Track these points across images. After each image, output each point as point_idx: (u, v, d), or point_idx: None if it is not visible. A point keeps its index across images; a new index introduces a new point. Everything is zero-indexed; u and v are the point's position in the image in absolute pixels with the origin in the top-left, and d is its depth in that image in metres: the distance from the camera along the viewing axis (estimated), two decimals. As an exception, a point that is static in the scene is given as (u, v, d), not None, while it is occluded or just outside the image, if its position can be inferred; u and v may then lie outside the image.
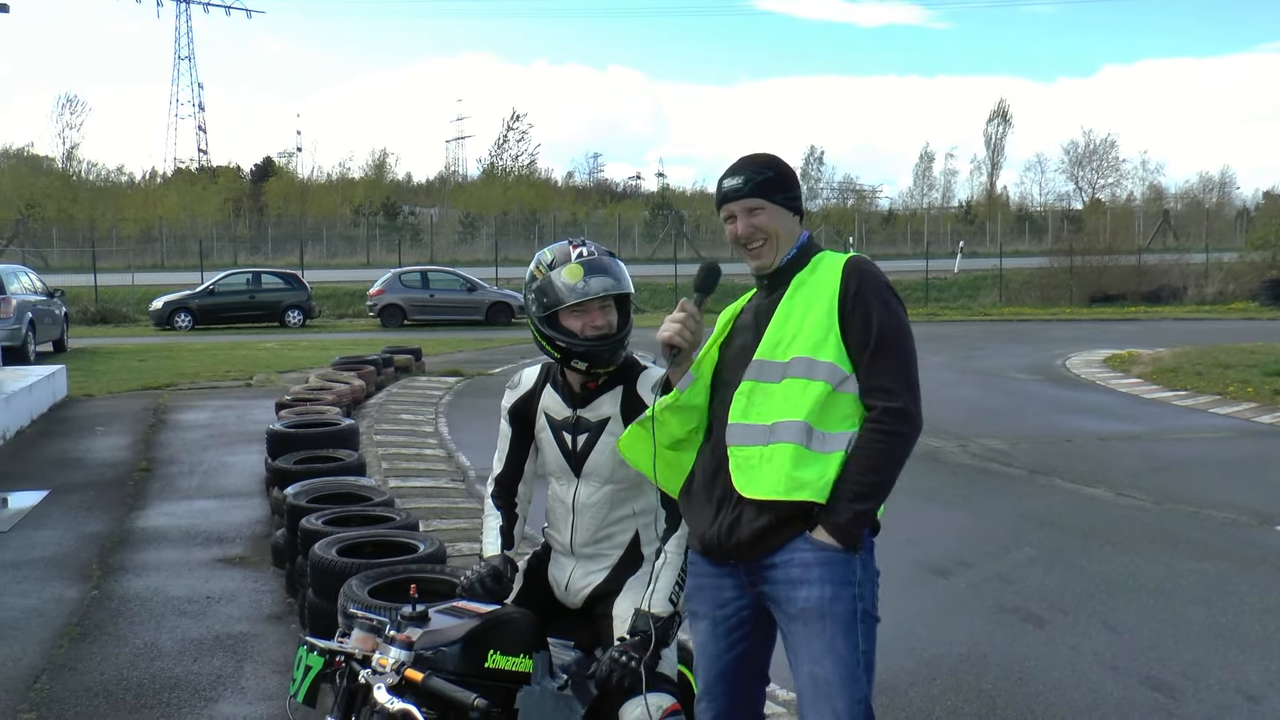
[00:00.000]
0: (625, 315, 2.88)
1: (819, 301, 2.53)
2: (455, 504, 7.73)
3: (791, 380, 2.49)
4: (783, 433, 2.46)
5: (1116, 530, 7.10)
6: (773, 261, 2.61)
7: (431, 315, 27.15)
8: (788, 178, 2.63)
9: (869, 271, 2.56)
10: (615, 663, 2.65)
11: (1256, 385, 13.62)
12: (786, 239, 2.62)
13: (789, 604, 2.49)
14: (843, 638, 2.45)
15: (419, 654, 2.49)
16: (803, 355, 2.49)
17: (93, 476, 8.72)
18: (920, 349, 2.59)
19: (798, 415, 2.46)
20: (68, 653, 4.89)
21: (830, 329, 2.50)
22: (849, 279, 2.52)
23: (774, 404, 2.49)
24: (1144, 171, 71.31)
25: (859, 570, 2.48)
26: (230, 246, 50.19)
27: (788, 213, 2.62)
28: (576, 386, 2.93)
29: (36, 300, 18.07)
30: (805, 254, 2.63)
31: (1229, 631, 5.20)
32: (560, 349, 2.83)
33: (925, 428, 2.57)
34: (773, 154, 2.67)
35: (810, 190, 72.20)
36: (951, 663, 4.82)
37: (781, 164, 2.64)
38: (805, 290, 2.57)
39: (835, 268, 2.56)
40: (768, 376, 2.52)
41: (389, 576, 4.19)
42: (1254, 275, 34.44)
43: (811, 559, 2.46)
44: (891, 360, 2.49)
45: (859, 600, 2.47)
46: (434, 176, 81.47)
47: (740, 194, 2.59)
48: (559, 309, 2.80)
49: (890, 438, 2.46)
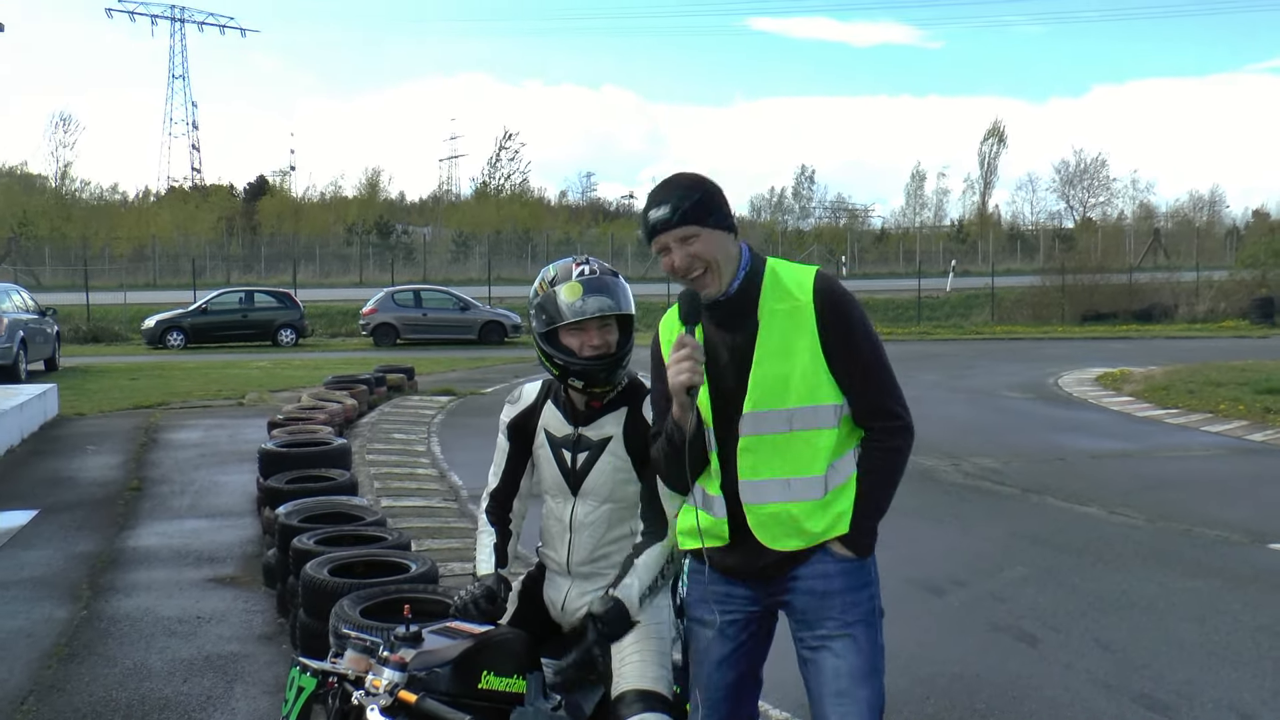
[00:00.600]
0: (626, 335, 2.86)
1: (801, 337, 2.47)
2: (447, 524, 7.70)
3: (800, 433, 2.48)
4: (801, 489, 2.49)
5: (1109, 548, 7.10)
6: (719, 289, 2.49)
7: (424, 334, 27.12)
8: (716, 196, 2.49)
9: (842, 294, 2.52)
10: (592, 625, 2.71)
11: (1248, 403, 13.65)
12: (728, 262, 2.49)
13: (813, 612, 2.54)
14: (864, 635, 2.54)
15: (412, 675, 2.48)
16: (805, 405, 2.47)
17: (83, 496, 8.68)
18: (913, 367, 2.65)
19: (816, 470, 2.49)
20: (56, 674, 4.86)
21: (820, 366, 2.48)
22: (825, 306, 2.47)
23: (785, 459, 2.49)
24: (1135, 190, 71.59)
25: (873, 570, 2.59)
26: (223, 265, 50.15)
27: (724, 234, 2.48)
28: (580, 404, 2.91)
29: (28, 319, 18.01)
30: (755, 274, 2.52)
31: (1222, 649, 5.20)
32: (558, 366, 2.83)
33: (918, 446, 2.62)
34: (696, 173, 2.54)
35: (802, 209, 72.53)
36: (945, 681, 4.80)
37: (708, 183, 2.51)
38: (780, 321, 2.47)
39: (804, 290, 2.48)
40: (771, 428, 2.49)
41: (381, 596, 4.18)
42: (1244, 293, 34.62)
43: (834, 570, 2.53)
44: (879, 378, 2.52)
45: (874, 599, 2.58)
46: (427, 195, 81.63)
47: (670, 224, 2.44)
48: (557, 326, 2.80)
49: (896, 455, 2.54)
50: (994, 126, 73.95)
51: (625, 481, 2.87)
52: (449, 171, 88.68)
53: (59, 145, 64.12)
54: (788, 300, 2.49)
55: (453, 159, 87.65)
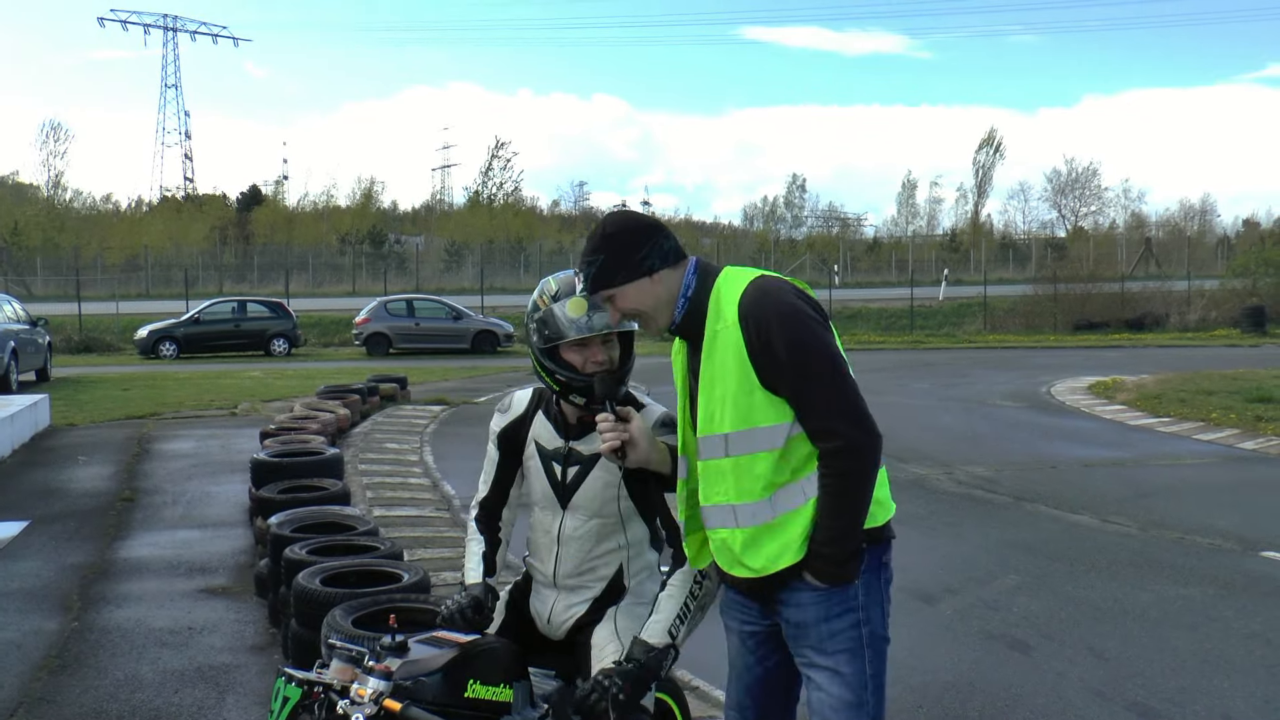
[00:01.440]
0: (628, 350, 2.81)
1: (731, 358, 2.38)
2: (440, 533, 7.69)
3: (737, 459, 2.41)
4: (746, 515, 2.43)
5: (1102, 556, 7.11)
6: (667, 324, 2.48)
7: (417, 344, 27.13)
8: (621, 249, 2.44)
9: (762, 305, 2.36)
10: (599, 685, 2.60)
11: (1239, 411, 13.69)
12: (662, 302, 2.46)
13: (794, 639, 2.50)
14: (848, 664, 2.44)
15: (398, 684, 2.47)
16: (737, 430, 2.39)
17: (74, 506, 8.65)
18: (905, 377, 2.62)
19: (755, 495, 2.41)
20: (46, 685, 4.83)
21: (753, 388, 2.37)
22: (747, 324, 2.35)
23: (728, 485, 2.44)
24: (1126, 199, 72.04)
25: (860, 595, 2.46)
26: (216, 275, 50.11)
27: (643, 279, 2.44)
28: (572, 418, 2.87)
29: (19, 329, 17.96)
30: (700, 298, 2.45)
31: (1215, 657, 5.21)
32: (560, 382, 2.78)
33: (910, 455, 2.58)
34: (601, 228, 2.49)
35: (794, 218, 72.65)
36: (938, 690, 4.80)
37: (611, 239, 2.45)
38: (719, 345, 2.41)
39: (730, 311, 2.39)
40: (712, 453, 2.45)
41: (372, 606, 4.16)
42: (1235, 302, 34.77)
43: (807, 599, 2.44)
44: (816, 393, 2.35)
45: (863, 625, 2.46)
46: (420, 205, 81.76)
47: (589, 293, 2.51)
48: (560, 343, 2.74)
49: (841, 479, 2.36)
50: (989, 135, 74.37)
51: (615, 497, 2.85)
52: (442, 181, 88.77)
53: (50, 154, 63.84)
54: (720, 322, 2.41)
55: (445, 168, 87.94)
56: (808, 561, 2.41)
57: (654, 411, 2.84)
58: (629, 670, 2.61)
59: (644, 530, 2.92)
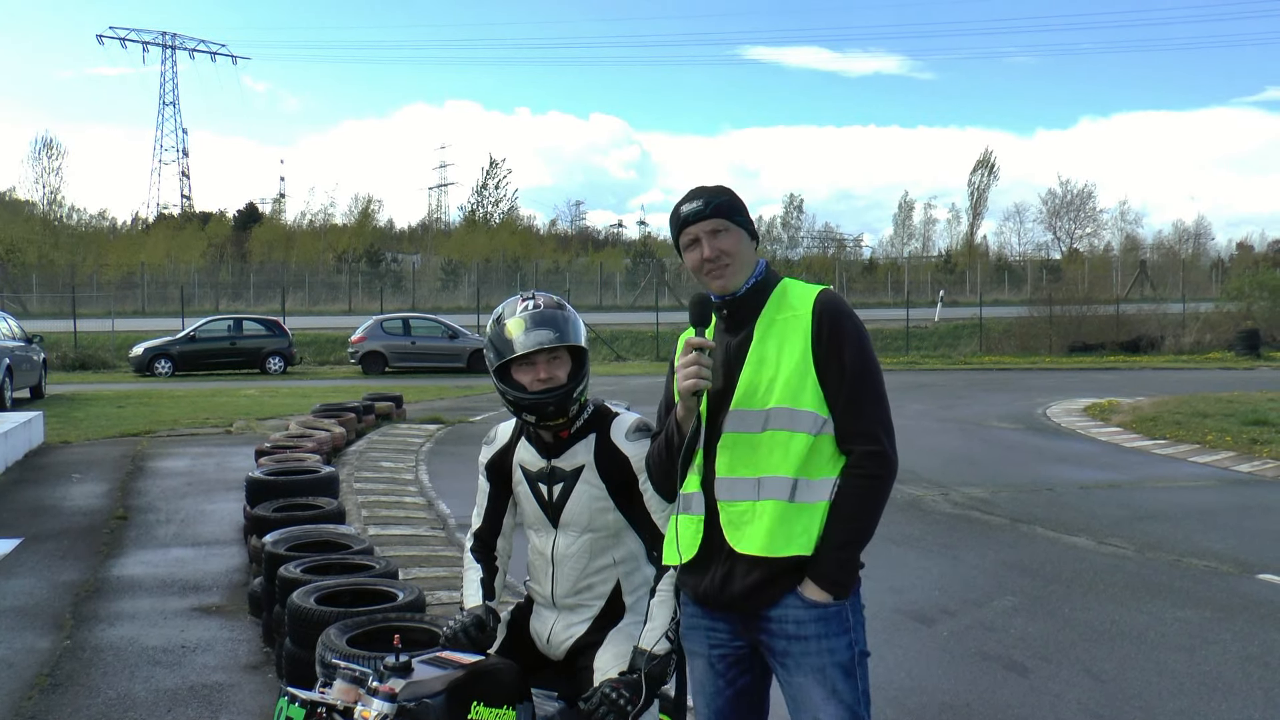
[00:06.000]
0: (579, 366, 2.85)
1: (793, 343, 2.51)
2: (435, 552, 7.66)
3: (774, 432, 2.48)
4: (770, 488, 2.47)
5: (1099, 578, 7.10)
6: (736, 284, 2.59)
7: (413, 362, 27.13)
8: (742, 203, 2.64)
9: (841, 309, 2.54)
10: (605, 699, 2.61)
11: (1234, 434, 13.71)
12: (747, 263, 2.61)
13: (787, 657, 2.50)
14: (843, 683, 2.48)
15: (402, 705, 2.46)
16: (783, 405, 2.48)
17: (68, 524, 8.61)
18: (901, 398, 2.62)
19: (785, 471, 2.47)
20: (37, 704, 4.79)
21: (807, 373, 2.49)
22: (821, 318, 2.51)
23: (758, 458, 2.49)
24: (1122, 222, 72.17)
25: (850, 616, 2.51)
26: (212, 293, 50.08)
27: (747, 236, 2.62)
28: (548, 437, 2.92)
29: (14, 346, 17.95)
30: (767, 284, 2.62)
31: (1212, 679, 5.19)
32: (510, 402, 2.85)
33: (907, 476, 2.60)
34: (715, 186, 2.66)
35: (791, 239, 72.77)
36: (935, 711, 4.78)
37: (734, 192, 2.65)
38: (777, 329, 2.54)
39: (805, 304, 2.55)
40: (748, 427, 2.51)
41: (367, 625, 4.14)
42: (1230, 325, 34.89)
43: (805, 616, 2.47)
44: (867, 403, 2.49)
45: (855, 645, 2.51)
46: (417, 223, 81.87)
47: (703, 215, 2.58)
48: (507, 361, 2.82)
49: (871, 482, 2.48)
50: (984, 157, 74.63)
51: (603, 510, 2.87)
52: (438, 200, 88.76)
53: (44, 171, 63.79)
54: (788, 311, 2.56)
55: (442, 187, 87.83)
56: (811, 567, 2.45)
57: (627, 420, 2.89)
58: (634, 680, 2.64)
59: (638, 544, 2.93)
